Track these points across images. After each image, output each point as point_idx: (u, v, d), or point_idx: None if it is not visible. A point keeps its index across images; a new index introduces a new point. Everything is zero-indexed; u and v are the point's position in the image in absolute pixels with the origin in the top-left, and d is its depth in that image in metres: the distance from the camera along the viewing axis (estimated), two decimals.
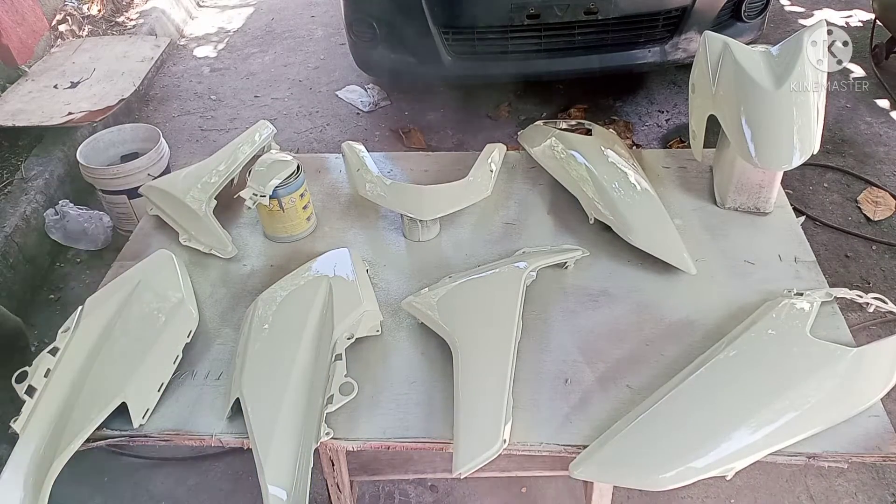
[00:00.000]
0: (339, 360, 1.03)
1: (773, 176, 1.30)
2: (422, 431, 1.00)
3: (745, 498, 1.71)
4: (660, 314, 1.16)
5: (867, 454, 0.93)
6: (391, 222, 1.42)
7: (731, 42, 1.29)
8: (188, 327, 1.12)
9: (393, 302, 1.21)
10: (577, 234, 1.34)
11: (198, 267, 1.31)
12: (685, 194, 1.43)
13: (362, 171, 1.43)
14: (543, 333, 1.13)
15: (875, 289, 1.57)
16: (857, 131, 3.00)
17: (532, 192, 1.47)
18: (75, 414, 0.97)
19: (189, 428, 1.02)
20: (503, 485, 1.76)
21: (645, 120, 3.19)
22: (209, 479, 1.83)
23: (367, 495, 1.76)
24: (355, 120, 3.38)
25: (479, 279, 1.17)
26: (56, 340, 1.08)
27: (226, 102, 3.62)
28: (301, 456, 0.93)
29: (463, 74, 2.97)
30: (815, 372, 0.96)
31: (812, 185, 2.72)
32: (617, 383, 1.04)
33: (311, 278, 1.18)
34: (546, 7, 2.68)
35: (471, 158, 1.48)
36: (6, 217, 2.47)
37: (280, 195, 1.30)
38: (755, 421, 0.90)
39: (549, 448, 0.97)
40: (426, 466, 1.52)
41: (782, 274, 1.22)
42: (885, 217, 2.53)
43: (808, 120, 1.19)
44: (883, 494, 1.71)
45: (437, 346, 1.11)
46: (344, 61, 3.76)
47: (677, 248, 1.22)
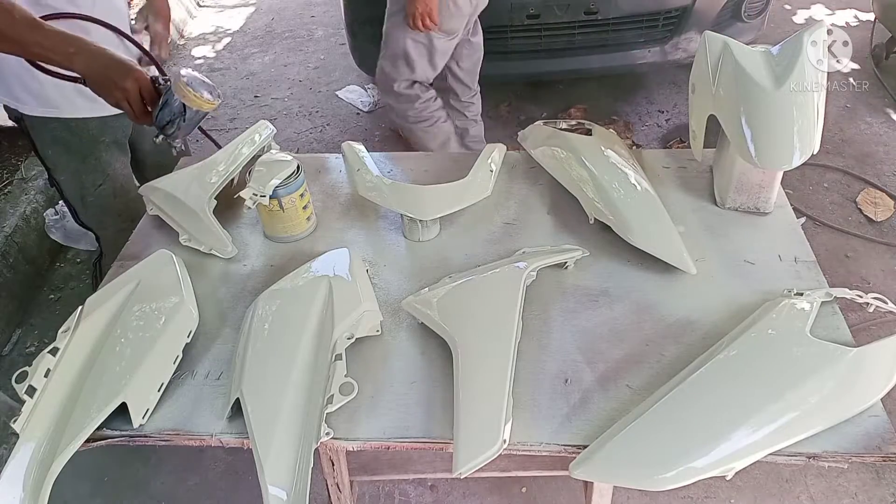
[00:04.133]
0: (339, 360, 1.03)
1: (773, 176, 1.30)
2: (422, 431, 1.00)
3: (745, 498, 1.71)
4: (660, 314, 1.16)
5: (867, 454, 0.93)
6: (391, 222, 1.42)
7: (731, 42, 1.29)
8: (188, 327, 1.12)
9: (393, 302, 1.21)
10: (577, 234, 1.34)
11: (198, 267, 1.31)
12: (685, 194, 1.43)
13: (362, 171, 1.44)
14: (543, 333, 1.13)
15: (875, 289, 1.56)
16: (857, 131, 3.00)
17: (532, 192, 1.47)
18: (75, 414, 0.97)
19: (189, 428, 1.02)
20: (503, 485, 1.76)
21: (645, 120, 3.19)
22: (209, 479, 1.83)
23: (367, 495, 1.76)
24: (355, 120, 3.39)
25: (479, 279, 1.17)
26: (56, 340, 1.07)
27: (226, 102, 3.62)
28: (301, 456, 0.93)
29: None
30: (815, 372, 0.96)
31: (812, 185, 2.72)
32: (617, 383, 1.04)
33: (311, 278, 1.18)
34: (546, 7, 2.68)
35: (471, 158, 1.48)
36: (6, 217, 2.47)
37: (280, 195, 1.30)
38: (755, 421, 0.90)
39: (549, 448, 0.97)
40: (426, 466, 1.52)
41: (782, 274, 1.22)
42: (885, 217, 2.54)
43: (809, 120, 1.19)
44: (883, 494, 1.71)
45: (437, 346, 1.11)
46: (344, 61, 3.76)
47: (677, 248, 1.22)
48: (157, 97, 1.24)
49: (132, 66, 1.20)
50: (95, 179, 1.64)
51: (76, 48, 1.16)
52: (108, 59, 1.18)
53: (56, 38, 1.14)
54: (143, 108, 1.23)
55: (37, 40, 1.13)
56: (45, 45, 1.14)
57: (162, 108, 1.24)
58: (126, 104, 1.22)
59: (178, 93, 1.22)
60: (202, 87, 1.24)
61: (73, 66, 1.17)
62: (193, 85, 1.22)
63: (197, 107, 1.24)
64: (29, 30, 1.13)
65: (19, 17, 1.11)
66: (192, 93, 1.22)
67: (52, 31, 1.14)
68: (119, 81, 1.18)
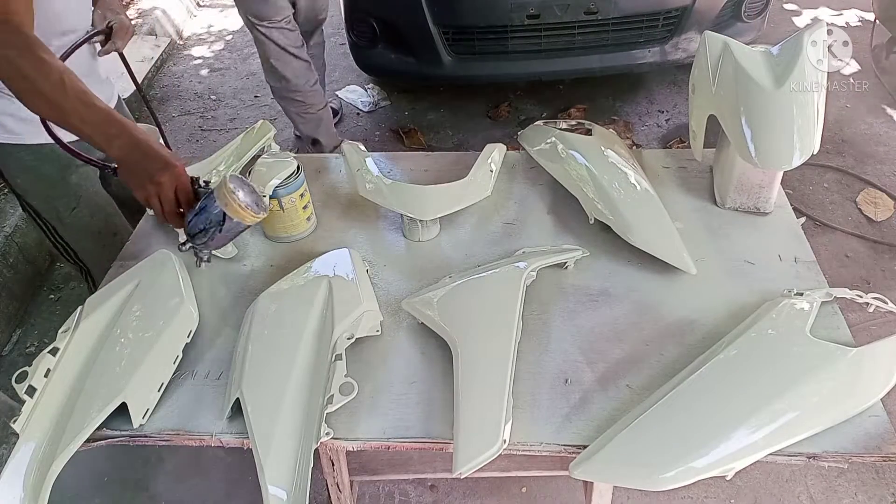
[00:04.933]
0: (339, 360, 1.03)
1: (773, 176, 1.30)
2: (422, 431, 1.00)
3: (745, 498, 1.71)
4: (660, 314, 1.16)
5: (867, 454, 0.93)
6: (391, 222, 1.42)
7: (731, 42, 1.29)
8: (188, 327, 1.12)
9: (393, 302, 1.21)
10: (577, 234, 1.34)
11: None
12: (685, 194, 1.43)
13: (362, 171, 1.43)
14: (543, 333, 1.13)
15: (875, 289, 1.56)
16: (857, 131, 3.00)
17: (532, 192, 1.47)
18: (75, 414, 0.97)
19: (189, 428, 1.02)
20: (503, 485, 1.76)
21: (645, 120, 3.19)
22: (209, 479, 1.83)
23: (367, 495, 1.76)
24: (355, 120, 3.39)
25: (479, 279, 1.17)
26: (56, 340, 1.08)
27: (226, 102, 3.62)
28: (301, 456, 0.93)
29: (463, 74, 2.97)
30: (815, 372, 0.96)
31: (812, 185, 2.72)
32: (617, 383, 1.04)
33: (311, 278, 1.18)
34: (546, 7, 2.68)
35: (471, 158, 1.48)
36: (6, 217, 2.47)
37: (280, 195, 1.30)
38: (755, 421, 0.90)
39: (549, 448, 0.97)
40: (426, 466, 1.52)
41: (782, 274, 1.22)
42: (885, 217, 2.54)
43: (809, 120, 1.19)
44: (883, 494, 1.71)
45: (437, 346, 1.11)
46: (344, 61, 3.76)
47: (677, 248, 1.22)
48: (193, 200, 1.08)
49: (172, 160, 1.05)
50: (69, 203, 1.54)
51: (118, 130, 1.04)
52: (148, 148, 1.05)
53: (101, 116, 1.04)
54: (174, 209, 1.07)
55: (82, 116, 1.03)
56: (88, 121, 1.03)
57: (198, 214, 1.06)
58: (156, 201, 1.06)
59: (220, 199, 1.04)
60: (249, 197, 1.07)
61: (111, 149, 1.04)
62: (239, 194, 1.05)
63: (239, 218, 1.06)
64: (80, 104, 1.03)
65: (70, 88, 1.02)
66: (237, 202, 1.04)
67: (100, 109, 1.04)
68: (155, 175, 1.03)
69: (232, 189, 1.04)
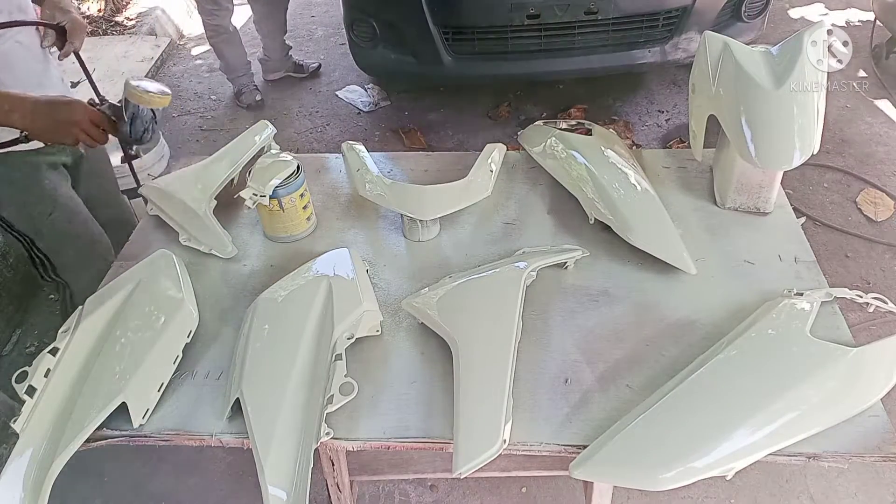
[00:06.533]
0: (339, 360, 1.03)
1: (773, 176, 1.30)
2: (422, 431, 1.00)
3: (745, 498, 1.71)
4: (660, 314, 1.15)
5: (867, 454, 0.93)
6: (391, 222, 1.42)
7: (731, 42, 1.29)
8: (188, 327, 1.12)
9: (393, 302, 1.21)
10: (577, 234, 1.34)
11: (198, 267, 1.31)
12: (685, 194, 1.43)
13: (362, 171, 1.44)
14: (543, 333, 1.13)
15: (875, 289, 1.56)
16: (857, 131, 3.00)
17: (532, 192, 1.47)
18: (75, 414, 0.97)
19: (189, 428, 1.02)
20: (503, 485, 1.76)
21: (645, 120, 3.19)
22: (209, 479, 1.83)
23: (367, 495, 1.76)
24: (355, 120, 3.39)
25: (479, 279, 1.17)
26: (56, 340, 1.08)
27: (226, 102, 3.62)
28: (301, 456, 0.93)
29: (463, 74, 2.97)
30: (815, 372, 0.96)
31: (812, 185, 2.72)
32: (617, 383, 1.04)
33: (311, 278, 1.18)
34: (546, 7, 2.68)
35: (471, 158, 1.48)
36: None
37: (280, 195, 1.30)
38: (755, 421, 0.90)
39: (549, 448, 0.97)
40: (426, 466, 1.53)
41: (782, 274, 1.22)
42: (885, 217, 2.54)
43: (809, 120, 1.19)
44: (883, 494, 1.71)
45: (437, 346, 1.11)
46: (344, 61, 3.76)
47: (677, 247, 1.22)
48: (106, 117, 1.25)
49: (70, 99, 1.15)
50: (44, 209, 1.50)
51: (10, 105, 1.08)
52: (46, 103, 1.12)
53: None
54: (98, 131, 1.23)
55: None
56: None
57: (133, 122, 1.26)
58: (85, 136, 1.19)
59: (139, 102, 1.24)
60: (153, 86, 1.26)
61: (13, 123, 1.10)
62: (150, 88, 1.24)
63: (161, 105, 1.28)
64: None
65: None
66: (153, 95, 1.24)
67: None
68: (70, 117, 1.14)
69: (144, 89, 1.23)
